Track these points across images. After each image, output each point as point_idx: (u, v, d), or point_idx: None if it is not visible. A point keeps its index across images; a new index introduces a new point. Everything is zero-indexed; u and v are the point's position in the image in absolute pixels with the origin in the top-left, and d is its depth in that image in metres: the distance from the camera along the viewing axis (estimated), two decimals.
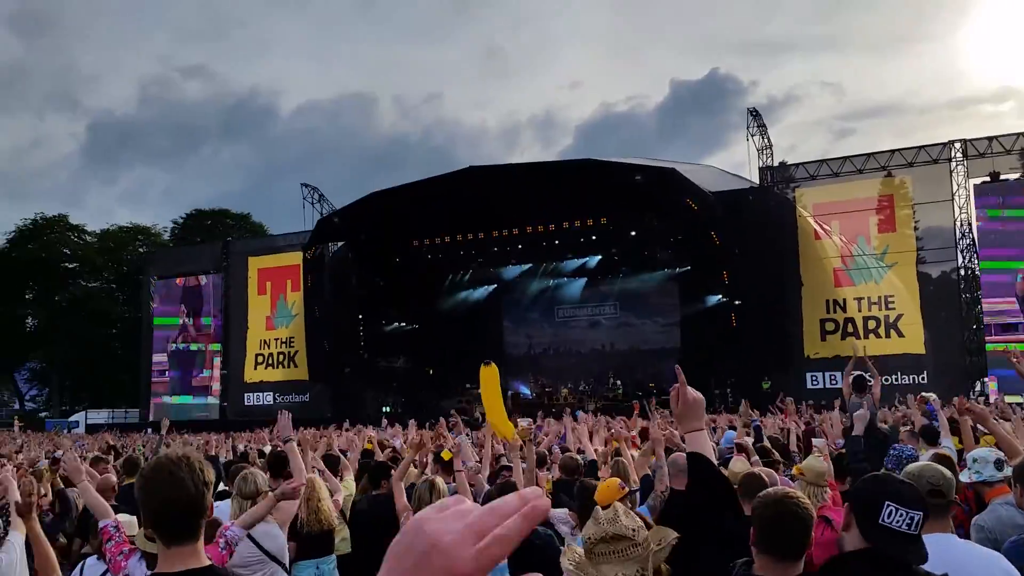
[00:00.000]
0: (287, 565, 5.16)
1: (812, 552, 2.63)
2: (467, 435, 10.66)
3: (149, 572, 4.01)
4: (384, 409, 33.47)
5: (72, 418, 47.26)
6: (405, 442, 10.81)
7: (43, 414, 55.63)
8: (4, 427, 40.31)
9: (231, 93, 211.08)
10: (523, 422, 7.61)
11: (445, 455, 6.80)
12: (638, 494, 6.07)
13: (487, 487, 6.61)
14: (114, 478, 7.02)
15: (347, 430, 14.82)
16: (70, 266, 60.19)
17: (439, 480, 5.52)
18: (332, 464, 7.89)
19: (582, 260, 34.08)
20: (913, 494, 2.50)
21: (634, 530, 2.43)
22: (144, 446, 9.79)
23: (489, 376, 7.40)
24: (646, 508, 5.02)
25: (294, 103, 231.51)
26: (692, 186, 24.95)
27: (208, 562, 2.17)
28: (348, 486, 7.45)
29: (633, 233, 31.32)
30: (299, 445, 7.95)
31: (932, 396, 10.01)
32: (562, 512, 5.51)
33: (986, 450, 4.70)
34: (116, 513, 4.87)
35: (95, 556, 4.80)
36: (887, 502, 2.41)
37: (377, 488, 6.84)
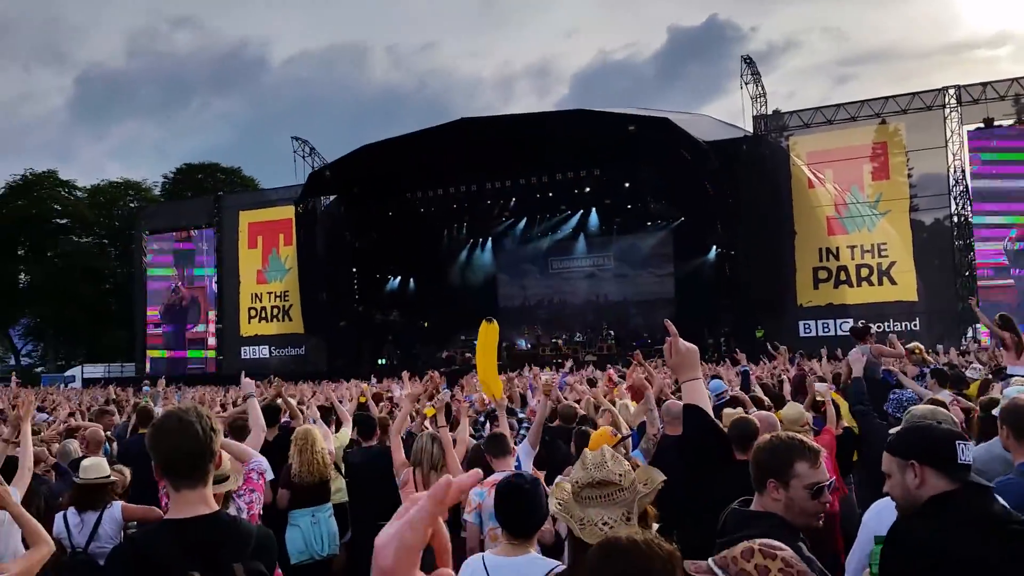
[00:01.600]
0: None
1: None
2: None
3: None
4: (379, 362, 33.65)
5: (68, 373, 47.41)
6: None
7: (39, 369, 55.79)
8: (1, 382, 40.46)
9: (221, 44, 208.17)
10: (545, 375, 7.66)
11: (428, 411, 6.84)
12: (631, 440, 6.16)
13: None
14: (101, 433, 7.03)
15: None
16: (61, 222, 59.77)
17: (443, 432, 5.54)
18: (326, 415, 7.97)
19: (576, 212, 34.06)
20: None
21: (620, 475, 2.46)
22: (150, 399, 9.82)
23: (489, 333, 7.44)
24: (639, 452, 5.09)
25: (285, 53, 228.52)
26: (686, 136, 24.76)
27: (216, 508, 2.25)
28: (342, 437, 7.52)
29: (627, 184, 31.23)
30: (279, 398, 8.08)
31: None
32: None
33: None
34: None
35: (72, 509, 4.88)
36: (957, 441, 2.54)
37: (368, 440, 6.92)
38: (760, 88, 28.22)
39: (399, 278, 36.77)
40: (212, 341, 38.85)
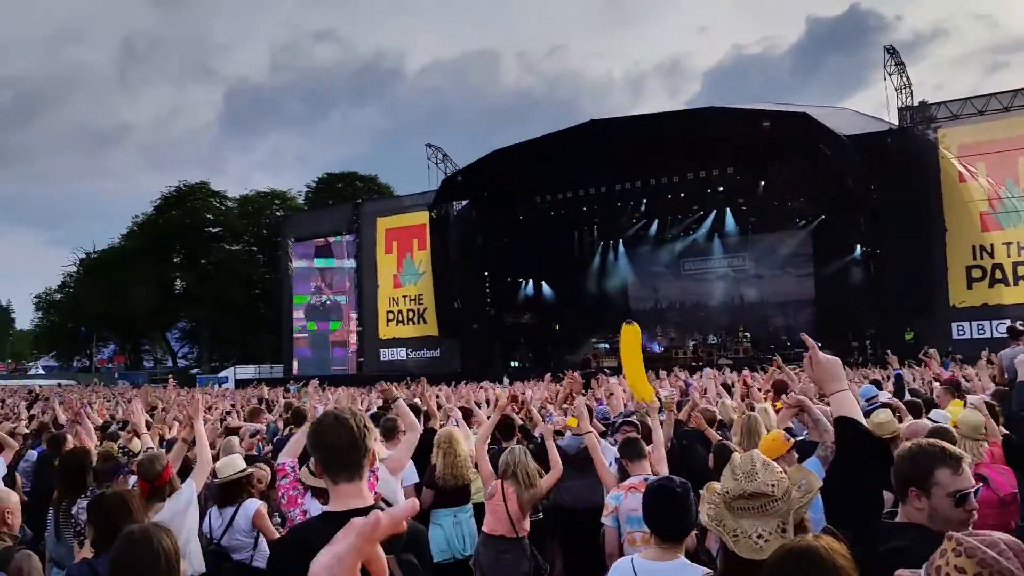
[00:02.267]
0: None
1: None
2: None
3: (323, 505, 4.33)
4: (512, 364, 34.02)
5: (221, 374, 50.35)
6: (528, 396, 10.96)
7: (194, 371, 59.45)
8: (159, 383, 43.44)
9: (359, 56, 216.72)
10: (664, 391, 7.54)
11: (571, 422, 6.83)
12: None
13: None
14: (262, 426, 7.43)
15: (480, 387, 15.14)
16: (213, 230, 63.69)
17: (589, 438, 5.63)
18: (466, 416, 8.14)
19: (710, 212, 33.30)
20: None
21: (773, 485, 2.37)
22: (302, 399, 10.33)
23: (630, 335, 7.38)
24: (816, 460, 4.89)
25: (419, 64, 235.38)
26: (825, 131, 23.78)
27: (371, 500, 2.39)
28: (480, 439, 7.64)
29: (763, 183, 30.25)
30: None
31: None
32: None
33: None
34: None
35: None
36: None
37: (508, 441, 7.00)
38: (905, 79, 26.79)
39: (530, 281, 37.02)
40: (353, 343, 40.34)
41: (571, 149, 28.21)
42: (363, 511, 2.29)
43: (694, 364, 24.72)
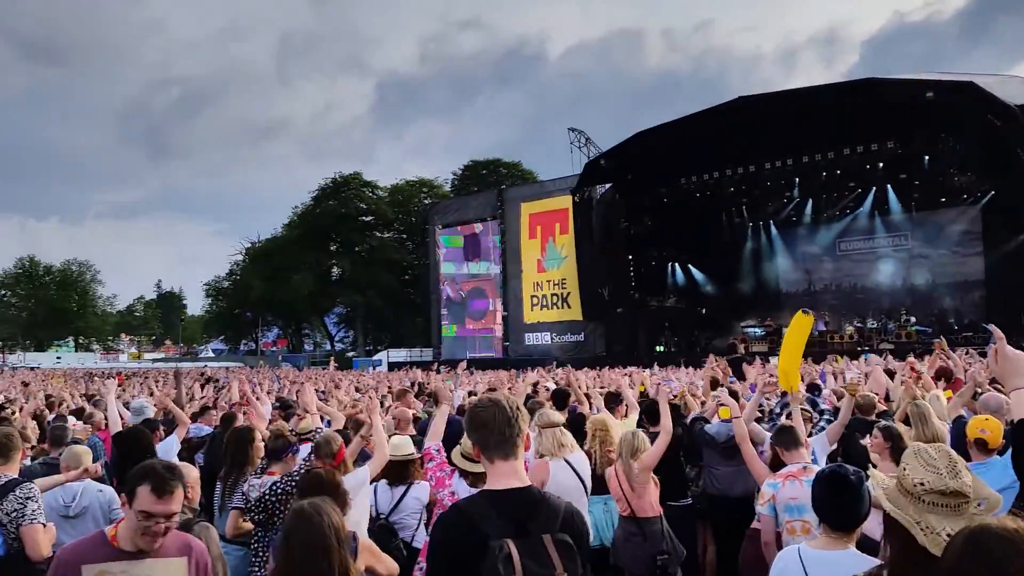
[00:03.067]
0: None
1: None
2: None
3: (471, 487, 4.47)
4: (657, 348, 33.62)
5: (375, 357, 52.49)
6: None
7: (350, 354, 62.21)
8: (320, 366, 45.74)
9: (502, 42, 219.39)
10: (851, 373, 7.26)
11: (724, 413, 6.68)
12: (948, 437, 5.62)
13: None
14: (409, 412, 7.65)
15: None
16: (366, 219, 66.33)
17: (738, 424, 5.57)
18: (615, 402, 8.10)
19: (868, 189, 31.47)
20: None
21: (971, 486, 2.23)
22: (451, 382, 10.60)
23: (801, 324, 7.15)
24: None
25: (563, 46, 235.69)
26: (994, 100, 21.97)
27: (528, 482, 2.45)
28: (629, 423, 7.59)
29: (927, 157, 28.29)
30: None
31: None
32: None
33: None
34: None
35: None
36: None
37: (654, 426, 6.91)
38: None
39: (676, 264, 36.36)
40: (499, 327, 40.99)
41: (718, 128, 27.47)
42: (521, 491, 2.38)
43: (858, 350, 23.54)
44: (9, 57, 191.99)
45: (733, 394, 7.45)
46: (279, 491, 4.31)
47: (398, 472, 5.35)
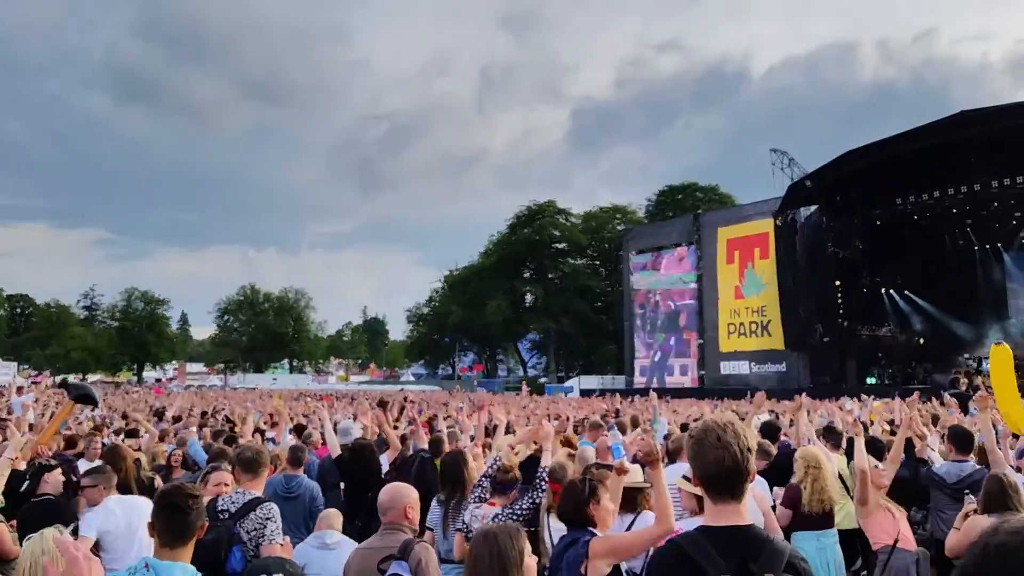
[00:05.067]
0: None
1: None
2: None
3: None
4: (868, 380, 31.53)
5: (567, 383, 52.75)
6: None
7: (542, 380, 62.91)
8: (513, 391, 46.58)
9: (702, 63, 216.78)
10: None
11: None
12: None
13: None
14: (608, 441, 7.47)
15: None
16: (560, 246, 67.19)
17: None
18: (835, 438, 7.56)
19: None
20: None
21: None
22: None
23: (1001, 357, 6.56)
24: None
25: (766, 63, 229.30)
26: None
27: (750, 522, 2.30)
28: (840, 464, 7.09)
29: None
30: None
31: None
32: None
33: None
34: None
35: None
36: None
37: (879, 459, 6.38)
38: None
39: (891, 291, 33.92)
40: (694, 355, 40.02)
41: (938, 145, 25.71)
42: (743, 529, 2.22)
43: None
44: (234, 96, 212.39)
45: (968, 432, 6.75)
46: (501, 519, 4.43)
47: (630, 500, 5.23)
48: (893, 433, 8.32)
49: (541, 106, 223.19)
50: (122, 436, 9.44)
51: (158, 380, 79.51)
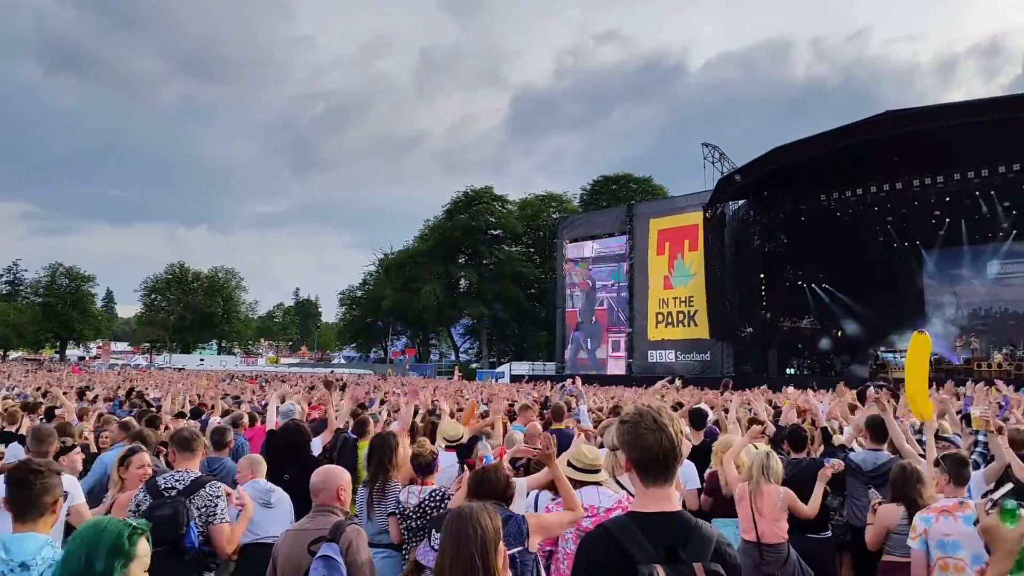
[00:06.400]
0: None
1: None
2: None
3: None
4: (788, 371, 32.52)
5: (499, 369, 53.04)
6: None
7: (474, 365, 63.11)
8: (445, 376, 46.67)
9: (641, 55, 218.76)
10: (976, 410, 6.87)
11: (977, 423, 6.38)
12: None
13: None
14: (539, 426, 7.65)
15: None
16: (495, 233, 67.29)
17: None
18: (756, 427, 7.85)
19: (1023, 208, 29.36)
20: None
21: None
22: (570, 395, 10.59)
23: (920, 345, 6.86)
24: None
25: (704, 58, 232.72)
26: None
27: (679, 507, 2.34)
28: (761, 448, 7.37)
29: None
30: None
31: None
32: None
33: None
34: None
35: None
36: None
37: (799, 452, 6.68)
38: None
39: (812, 284, 35.01)
40: (622, 343, 40.65)
41: (863, 144, 26.46)
42: (673, 516, 2.29)
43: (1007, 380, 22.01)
44: (169, 69, 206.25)
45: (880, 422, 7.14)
46: (439, 497, 4.54)
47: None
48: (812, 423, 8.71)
49: (481, 91, 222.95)
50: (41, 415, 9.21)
51: (81, 358, 77.16)
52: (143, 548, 2.39)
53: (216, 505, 4.36)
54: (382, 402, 12.88)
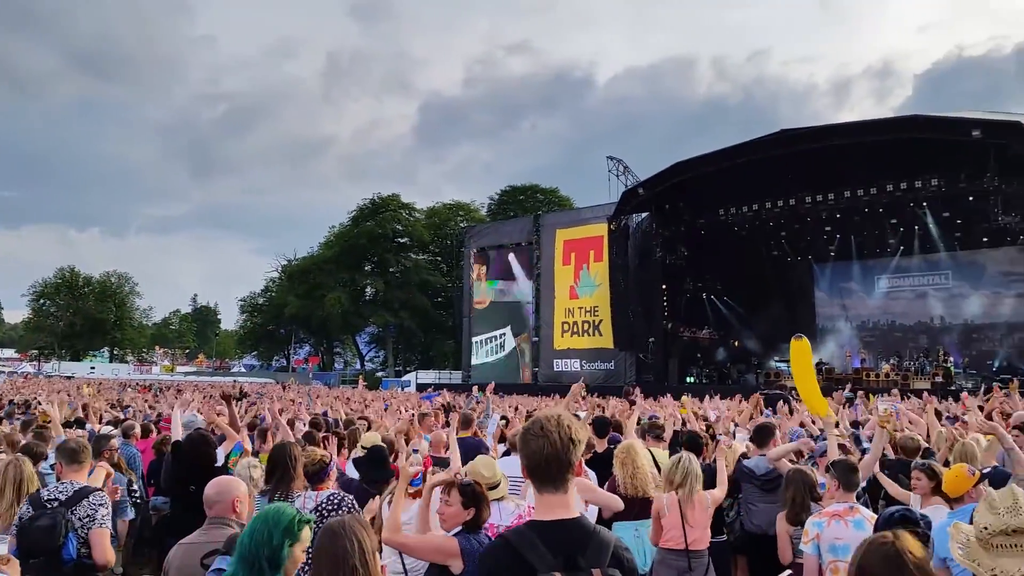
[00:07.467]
0: None
1: None
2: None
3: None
4: (687, 380, 33.30)
5: (404, 378, 52.54)
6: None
7: (380, 374, 62.33)
8: (350, 384, 45.90)
9: (550, 67, 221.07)
10: (882, 404, 7.14)
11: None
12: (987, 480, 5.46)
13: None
14: (443, 435, 7.56)
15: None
16: (402, 240, 66.79)
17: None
18: (657, 432, 7.88)
19: (909, 226, 30.91)
20: None
21: None
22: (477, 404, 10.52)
23: (800, 350, 7.11)
24: None
25: (610, 72, 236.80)
26: None
27: (578, 513, 2.35)
28: (660, 457, 7.45)
29: (971, 197, 27.70)
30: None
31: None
32: None
33: None
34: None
35: None
36: None
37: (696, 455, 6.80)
38: None
39: (711, 295, 36.03)
40: (528, 352, 40.88)
41: (759, 161, 27.30)
42: (570, 523, 2.28)
43: (893, 389, 23.09)
44: (61, 67, 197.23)
45: (770, 427, 7.37)
46: (336, 501, 4.56)
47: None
48: (708, 429, 8.91)
49: (389, 98, 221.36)
50: None
51: None
52: (306, 534, 2.79)
53: (97, 512, 4.34)
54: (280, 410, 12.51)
